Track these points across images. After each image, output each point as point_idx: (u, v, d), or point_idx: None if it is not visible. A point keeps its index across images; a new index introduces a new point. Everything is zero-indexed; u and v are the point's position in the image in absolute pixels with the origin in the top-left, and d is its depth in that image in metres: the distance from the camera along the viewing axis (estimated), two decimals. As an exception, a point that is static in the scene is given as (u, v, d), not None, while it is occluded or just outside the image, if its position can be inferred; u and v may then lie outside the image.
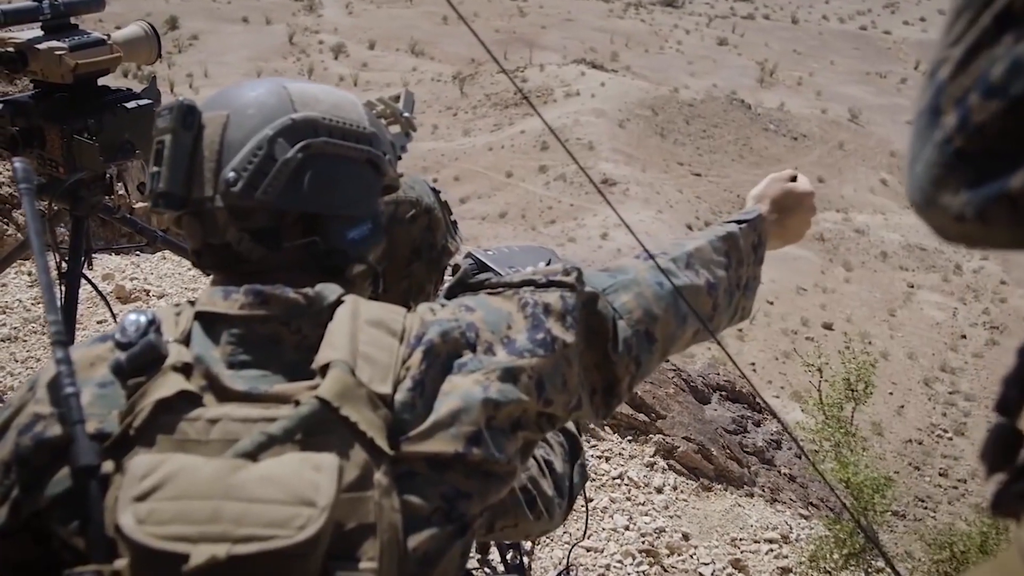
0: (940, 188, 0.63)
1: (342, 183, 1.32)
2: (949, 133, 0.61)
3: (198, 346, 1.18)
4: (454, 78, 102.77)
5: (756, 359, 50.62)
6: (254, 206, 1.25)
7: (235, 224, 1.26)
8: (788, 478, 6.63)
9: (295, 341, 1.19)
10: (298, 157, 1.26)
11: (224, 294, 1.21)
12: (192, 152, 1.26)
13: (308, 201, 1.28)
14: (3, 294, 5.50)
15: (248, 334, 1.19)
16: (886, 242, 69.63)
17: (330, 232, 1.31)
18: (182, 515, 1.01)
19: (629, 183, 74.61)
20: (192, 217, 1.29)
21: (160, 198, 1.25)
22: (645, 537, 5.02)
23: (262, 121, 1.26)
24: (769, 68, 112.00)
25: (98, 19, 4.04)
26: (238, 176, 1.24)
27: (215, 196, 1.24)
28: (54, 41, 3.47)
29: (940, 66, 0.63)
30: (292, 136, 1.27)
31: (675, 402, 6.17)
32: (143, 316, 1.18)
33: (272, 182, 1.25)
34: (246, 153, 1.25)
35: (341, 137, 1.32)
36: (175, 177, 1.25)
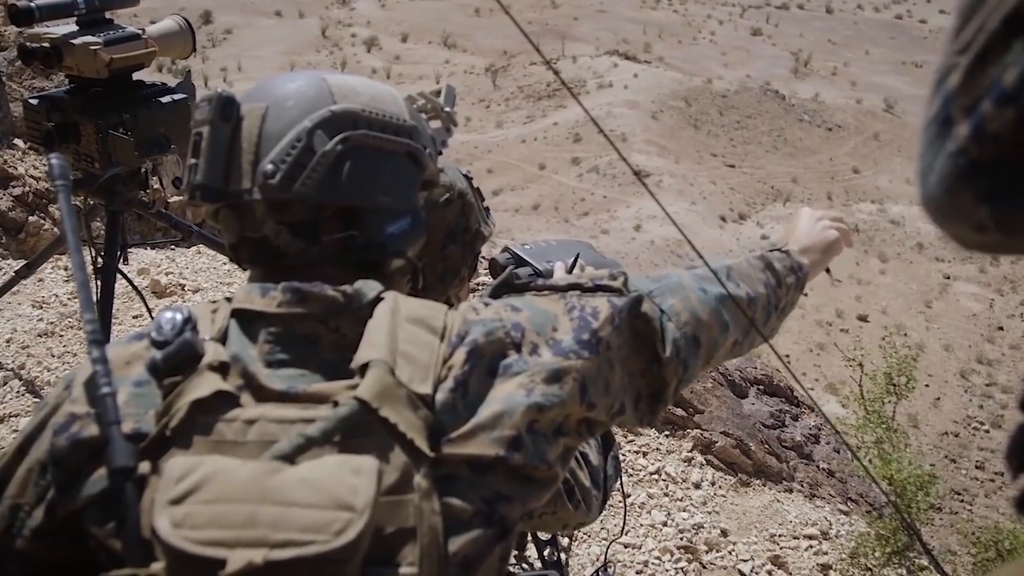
0: (956, 199, 0.62)
1: (381, 176, 1.29)
2: (962, 143, 0.60)
3: (235, 344, 1.16)
4: (487, 70, 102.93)
5: (790, 351, 50.37)
6: (292, 199, 1.22)
7: (273, 217, 1.23)
8: (827, 473, 6.56)
9: (333, 340, 1.17)
10: (337, 149, 1.23)
11: (262, 291, 1.19)
12: (230, 144, 1.23)
13: (347, 194, 1.25)
14: (40, 289, 5.52)
15: (286, 332, 1.17)
16: (922, 233, 69.04)
17: (369, 226, 1.28)
18: (218, 519, 1.00)
19: (662, 175, 74.41)
20: (229, 210, 1.26)
21: (197, 190, 1.22)
22: (683, 533, 4.96)
23: (301, 113, 1.23)
24: (803, 58, 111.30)
25: (132, 14, 4.03)
26: (276, 168, 1.21)
27: (253, 188, 1.21)
28: (89, 36, 3.47)
29: (948, 74, 0.62)
30: (331, 128, 1.24)
31: (713, 396, 6.10)
32: (179, 314, 1.17)
33: (311, 174, 1.22)
34: (284, 145, 1.22)
35: (381, 129, 1.29)
36: (213, 169, 1.22)
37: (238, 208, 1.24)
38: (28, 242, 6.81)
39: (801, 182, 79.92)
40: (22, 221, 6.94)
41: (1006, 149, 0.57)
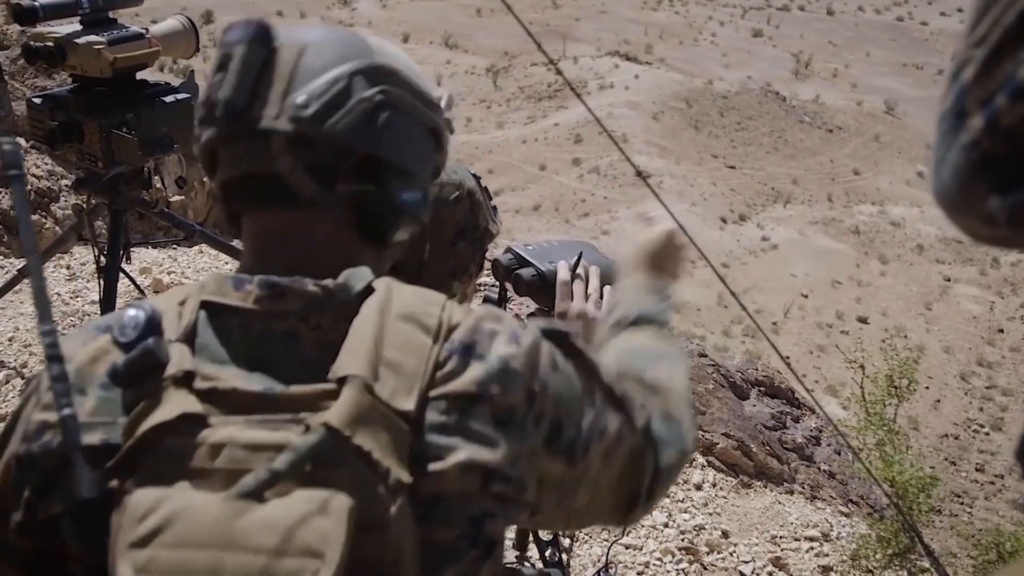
0: (968, 191, 0.62)
1: (410, 139, 1.24)
2: (976, 136, 0.60)
3: (206, 342, 1.09)
4: (488, 71, 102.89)
5: (790, 352, 50.31)
6: (319, 136, 1.14)
7: (292, 152, 1.15)
8: (828, 475, 6.56)
9: (315, 337, 1.09)
10: (376, 99, 1.18)
11: (235, 284, 1.11)
12: (261, 70, 1.15)
13: (376, 145, 1.19)
14: (42, 288, 5.52)
15: (264, 329, 1.09)
16: (922, 235, 69.01)
17: (386, 185, 1.21)
18: (181, 567, 0.95)
19: (663, 176, 74.40)
20: (242, 140, 1.16)
21: (221, 107, 1.13)
22: (684, 534, 4.97)
23: (340, 58, 1.18)
24: (804, 60, 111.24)
25: (134, 13, 4.04)
26: (310, 101, 1.13)
27: (279, 118, 1.13)
28: (93, 35, 3.48)
29: (963, 67, 0.62)
30: (371, 78, 1.19)
31: (714, 398, 6.11)
32: (142, 312, 1.10)
33: (345, 116, 1.15)
34: (323, 83, 1.15)
35: (414, 96, 1.24)
36: (242, 87, 1.13)
37: (253, 137, 1.15)
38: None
39: (801, 183, 79.91)
40: (24, 220, 6.92)
41: (1019, 143, 0.57)
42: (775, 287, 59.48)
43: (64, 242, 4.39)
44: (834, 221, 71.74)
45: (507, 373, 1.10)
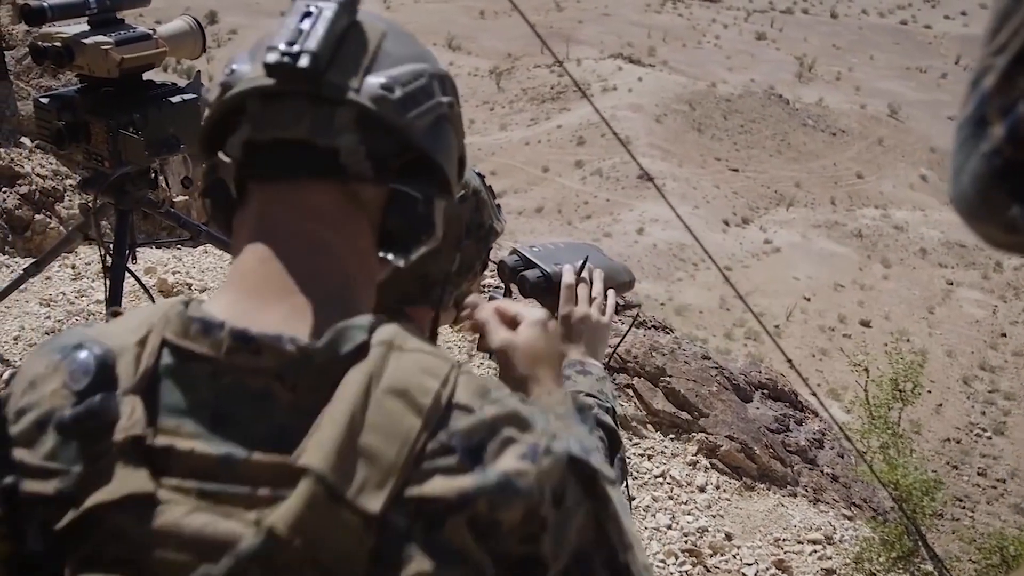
0: (989, 199, 0.62)
1: (456, 160, 1.17)
2: (997, 144, 0.60)
3: (166, 391, 0.97)
4: (491, 72, 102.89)
5: (793, 356, 49.91)
6: (394, 124, 1.05)
7: (359, 130, 1.03)
8: (831, 478, 6.56)
9: (290, 399, 0.95)
10: (446, 108, 1.12)
11: (204, 329, 0.97)
12: (343, 37, 1.05)
13: (439, 152, 1.10)
14: (47, 287, 5.54)
15: (234, 383, 0.96)
16: (925, 239, 68.95)
17: (431, 198, 1.11)
18: None
19: (666, 178, 74.35)
20: (304, 101, 1.03)
21: (307, 56, 0.99)
22: (688, 536, 4.97)
23: (417, 55, 1.12)
24: (808, 63, 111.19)
25: (138, 14, 4.06)
26: (394, 85, 1.05)
27: (360, 92, 1.03)
28: (100, 36, 3.49)
29: (984, 75, 0.62)
30: (443, 86, 1.13)
31: (718, 400, 6.11)
32: (92, 356, 0.98)
33: (425, 114, 1.08)
34: (407, 72, 1.07)
35: (460, 120, 1.19)
36: (328, 43, 1.02)
37: (318, 104, 1.03)
38: (34, 240, 6.83)
39: (805, 187, 79.88)
40: (28, 219, 6.95)
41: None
42: (777, 290, 59.43)
43: (70, 242, 4.40)
44: (837, 224, 71.68)
45: (505, 489, 0.95)
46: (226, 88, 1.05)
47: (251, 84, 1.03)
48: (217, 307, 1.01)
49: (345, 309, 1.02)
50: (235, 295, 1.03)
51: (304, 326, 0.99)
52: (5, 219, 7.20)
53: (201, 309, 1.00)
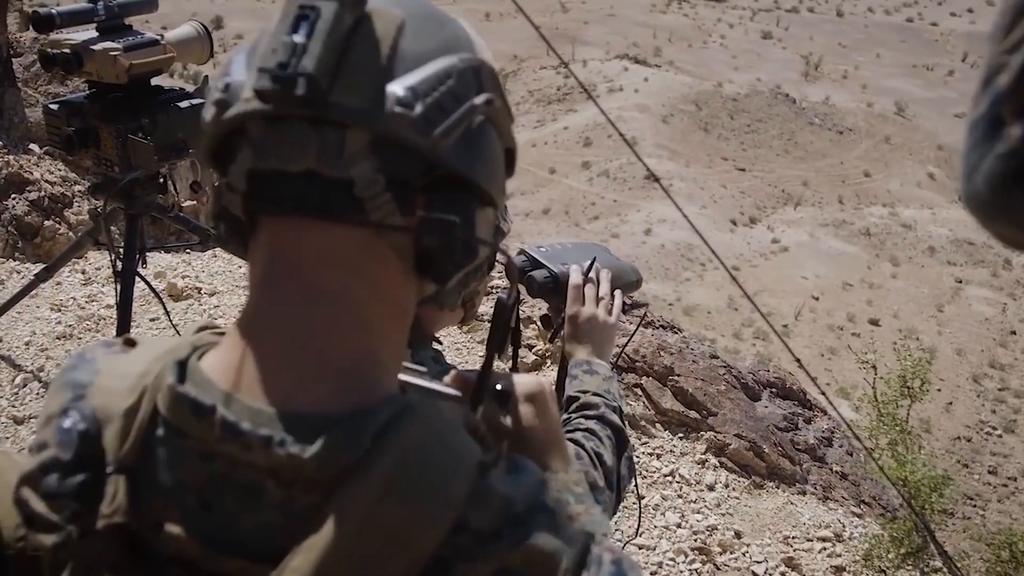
0: (1006, 200, 0.61)
1: (498, 164, 0.99)
2: (1014, 145, 0.58)
3: (156, 468, 0.89)
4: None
5: (801, 355, 49.87)
6: (417, 146, 0.87)
7: (372, 159, 0.86)
8: (840, 476, 6.56)
9: (281, 498, 0.86)
10: (483, 109, 0.93)
11: (195, 410, 0.86)
12: (350, 40, 0.85)
13: (471, 165, 0.92)
14: (58, 292, 5.57)
15: (225, 471, 0.87)
16: (934, 237, 68.81)
17: (470, 217, 0.93)
18: None
19: (673, 178, 74.33)
20: (306, 127, 0.86)
21: (303, 80, 0.82)
22: (697, 535, 4.98)
23: (445, 45, 0.92)
24: (814, 62, 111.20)
25: (146, 20, 4.08)
26: (416, 98, 0.86)
27: (373, 111, 0.85)
28: (109, 42, 3.52)
29: (997, 73, 0.61)
30: (478, 82, 0.93)
31: (726, 399, 6.12)
32: (76, 432, 0.91)
33: (452, 126, 0.88)
34: (430, 76, 0.88)
35: (506, 109, 1.00)
36: (327, 58, 0.83)
37: (321, 126, 0.85)
38: (44, 246, 6.86)
39: (812, 185, 79.79)
40: (38, 225, 6.99)
41: None
42: (785, 289, 59.35)
43: (80, 247, 4.43)
44: (845, 223, 71.57)
45: None
46: (222, 108, 0.88)
47: (247, 108, 0.86)
48: (219, 368, 0.90)
49: (362, 378, 0.91)
50: (239, 351, 0.90)
51: (311, 402, 0.87)
52: (15, 226, 7.24)
53: (198, 377, 0.89)
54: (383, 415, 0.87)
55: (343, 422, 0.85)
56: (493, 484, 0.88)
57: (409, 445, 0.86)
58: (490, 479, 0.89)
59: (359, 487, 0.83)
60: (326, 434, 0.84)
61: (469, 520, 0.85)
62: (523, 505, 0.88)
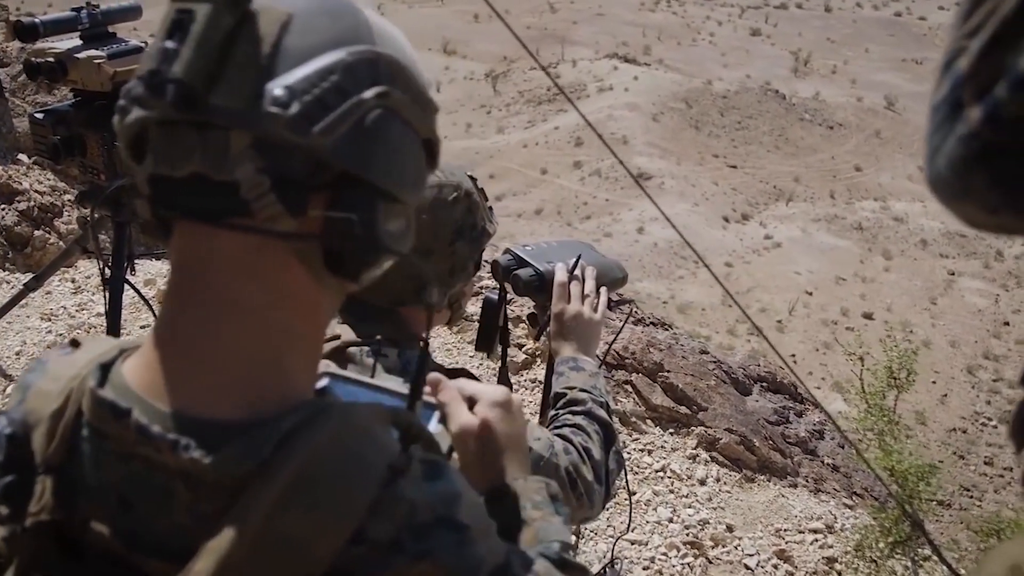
0: (969, 182, 0.62)
1: (404, 157, 0.97)
2: (974, 127, 0.60)
3: (82, 468, 0.91)
4: (487, 76, 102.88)
5: (796, 350, 50.28)
6: (298, 145, 0.86)
7: (256, 160, 0.86)
8: (832, 468, 6.59)
9: (190, 501, 0.87)
10: (375, 103, 0.91)
11: (114, 413, 0.88)
12: (226, 43, 0.85)
13: (365, 162, 0.91)
14: (48, 301, 5.58)
15: (141, 472, 0.88)
16: (925, 230, 68.88)
17: (371, 214, 0.92)
18: None
19: (664, 177, 74.38)
20: (191, 131, 0.86)
21: (171, 87, 0.83)
22: (689, 529, 5.01)
23: (335, 39, 0.90)
24: (803, 57, 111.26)
25: (132, 27, 4.09)
26: (293, 97, 0.85)
27: (253, 112, 0.85)
28: (93, 50, 3.53)
29: (957, 57, 0.62)
30: (371, 74, 0.91)
31: (716, 394, 6.15)
32: (4, 436, 0.93)
33: (335, 123, 0.87)
34: (312, 73, 0.87)
35: (414, 100, 0.97)
36: (201, 65, 0.83)
37: (205, 130, 0.86)
38: (34, 256, 6.87)
39: (803, 181, 79.84)
40: (28, 235, 7.00)
41: (1022, 133, 0.57)
42: (779, 285, 59.41)
43: (69, 255, 4.45)
44: (837, 218, 71.65)
45: None
46: (123, 115, 0.89)
47: (137, 115, 0.87)
48: (135, 372, 0.92)
49: (267, 384, 0.92)
50: (153, 355, 0.92)
51: (216, 408, 0.89)
52: (5, 236, 7.24)
53: (117, 380, 0.92)
54: (287, 423, 0.88)
55: (246, 429, 0.87)
56: (400, 490, 0.88)
57: (311, 453, 0.86)
58: (398, 485, 0.89)
59: (259, 494, 0.84)
60: (228, 441, 0.86)
61: (367, 530, 0.86)
62: (430, 515, 0.89)
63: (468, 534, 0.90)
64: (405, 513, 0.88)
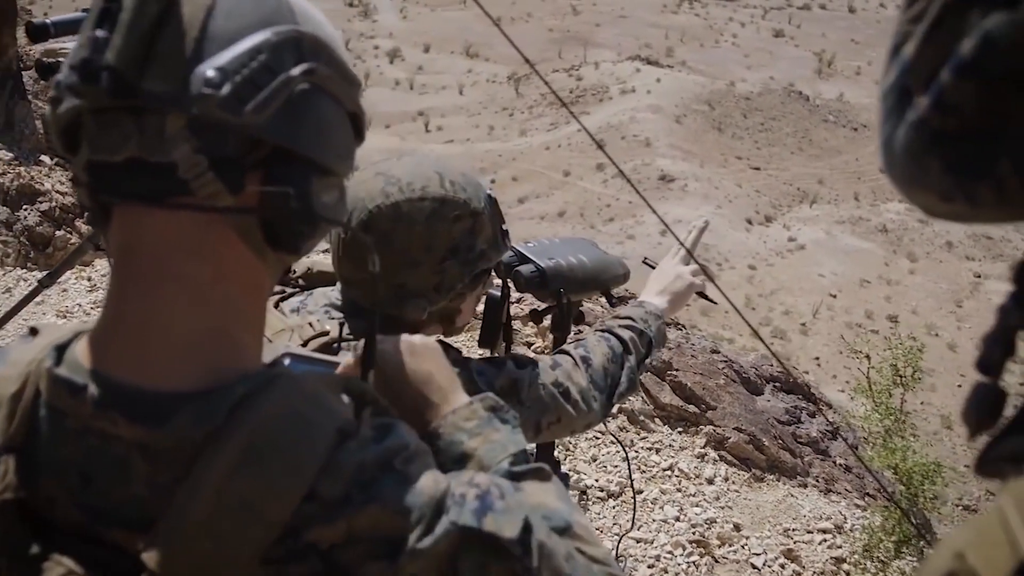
0: (922, 169, 0.62)
1: (334, 131, 1.01)
2: (923, 114, 0.60)
3: (43, 448, 0.94)
4: (509, 78, 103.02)
5: (820, 353, 50.12)
6: (231, 124, 0.89)
7: (192, 140, 0.89)
8: (844, 468, 6.58)
9: (147, 472, 0.90)
10: (302, 79, 0.94)
11: (70, 389, 0.91)
12: (154, 28, 0.88)
13: (295, 137, 0.94)
14: (64, 299, 5.65)
15: (99, 446, 0.91)
16: (951, 231, 68.44)
17: (304, 187, 0.95)
18: None
19: (687, 179, 74.27)
20: (125, 116, 0.89)
21: (104, 74, 0.86)
22: (696, 528, 5.02)
23: (259, 20, 0.93)
24: (827, 59, 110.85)
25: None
26: (225, 77, 0.88)
27: (184, 95, 0.88)
28: (103, 51, 3.58)
29: (903, 42, 0.62)
30: (296, 53, 0.95)
31: (726, 393, 6.16)
32: None
33: (266, 100, 0.90)
34: (241, 54, 0.89)
35: (339, 75, 1.01)
36: (131, 50, 0.86)
37: (140, 114, 0.89)
38: (56, 256, 6.97)
39: (827, 183, 79.55)
40: (49, 235, 7.09)
41: (969, 119, 0.57)
42: (803, 287, 59.21)
43: (82, 253, 4.48)
44: (861, 220, 71.33)
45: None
46: (55, 105, 0.92)
47: (70, 104, 0.90)
48: (90, 350, 0.96)
49: (215, 355, 0.96)
50: (105, 334, 0.96)
51: (167, 380, 0.92)
52: (27, 236, 7.34)
53: (71, 359, 0.95)
54: (238, 390, 0.92)
55: (196, 398, 0.90)
56: (350, 452, 0.92)
57: (262, 419, 0.90)
58: (347, 448, 0.93)
59: (212, 461, 0.88)
60: (179, 410, 0.89)
61: (319, 489, 0.89)
62: (375, 469, 0.93)
63: (410, 474, 0.94)
64: (353, 471, 0.91)
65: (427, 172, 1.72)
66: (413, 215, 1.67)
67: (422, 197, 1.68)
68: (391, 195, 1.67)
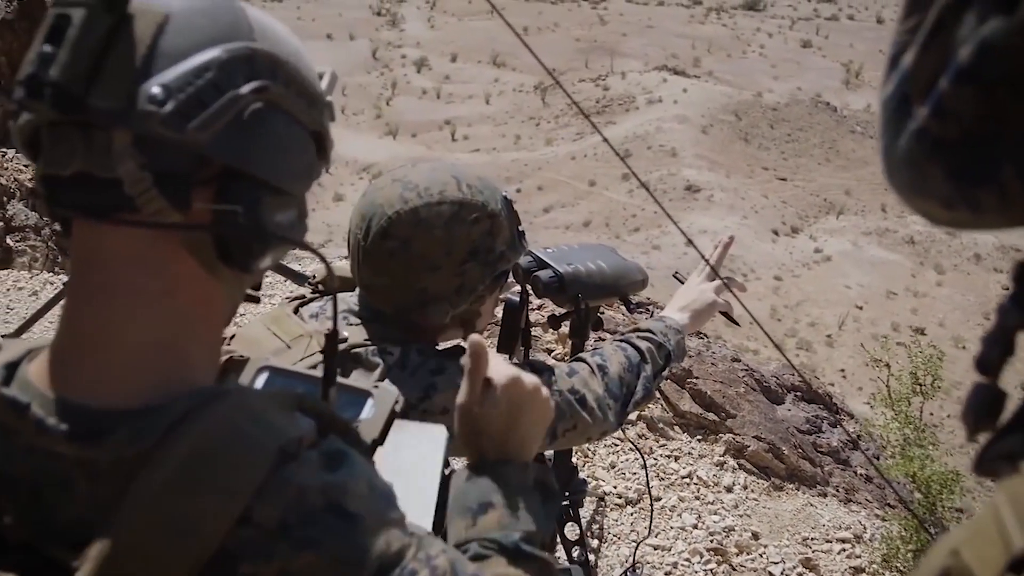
0: (923, 178, 0.62)
1: (289, 150, 1.00)
2: (923, 123, 0.60)
3: None
4: (536, 88, 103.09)
5: (846, 365, 49.79)
6: (175, 141, 0.89)
7: (137, 157, 0.89)
8: (865, 478, 6.55)
9: (87, 490, 0.90)
10: (252, 98, 0.93)
11: (15, 409, 0.91)
12: (104, 44, 0.88)
13: (244, 156, 0.94)
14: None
15: (43, 464, 0.91)
16: (979, 243, 67.90)
17: (255, 206, 0.95)
18: None
19: (713, 189, 74.05)
20: (74, 131, 0.90)
21: (48, 89, 0.87)
22: (714, 536, 5.01)
23: (212, 37, 0.93)
24: (855, 69, 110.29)
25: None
26: (168, 95, 0.87)
27: (130, 111, 0.88)
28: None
29: (902, 51, 0.62)
30: (248, 70, 0.94)
31: (745, 401, 6.14)
32: None
33: (211, 118, 0.90)
34: (187, 71, 0.89)
35: (298, 94, 1.00)
36: (77, 67, 0.86)
37: (87, 129, 0.90)
38: (81, 260, 7.02)
39: (854, 194, 79.08)
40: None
41: (969, 126, 0.57)
42: (829, 299, 58.87)
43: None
44: (888, 231, 70.85)
45: None
46: (16, 118, 0.94)
47: (24, 118, 0.92)
48: (39, 368, 0.96)
49: (160, 372, 0.95)
50: (56, 351, 0.96)
51: (109, 397, 0.92)
52: (55, 241, 7.42)
53: (21, 377, 0.95)
54: (181, 407, 0.91)
55: (135, 416, 0.90)
56: (290, 474, 0.92)
57: (200, 435, 0.90)
58: (288, 468, 0.92)
59: (148, 478, 0.87)
60: (117, 428, 0.89)
61: (254, 512, 0.89)
62: (320, 501, 0.92)
63: (359, 524, 0.93)
64: (292, 497, 0.91)
65: (444, 177, 1.75)
66: (432, 219, 1.70)
67: (440, 201, 1.71)
68: (409, 200, 1.71)
